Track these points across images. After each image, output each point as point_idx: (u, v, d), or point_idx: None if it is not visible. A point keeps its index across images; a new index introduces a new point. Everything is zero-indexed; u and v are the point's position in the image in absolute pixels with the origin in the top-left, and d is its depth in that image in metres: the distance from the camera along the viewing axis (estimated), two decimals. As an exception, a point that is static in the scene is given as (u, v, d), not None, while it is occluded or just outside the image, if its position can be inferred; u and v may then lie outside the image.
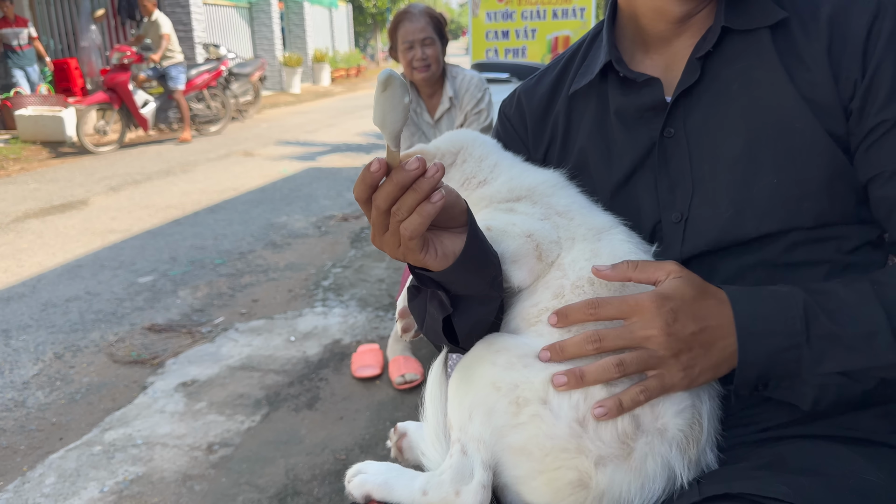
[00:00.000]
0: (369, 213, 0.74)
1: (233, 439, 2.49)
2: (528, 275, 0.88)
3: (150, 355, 3.19)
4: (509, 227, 0.88)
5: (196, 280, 4.17)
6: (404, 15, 2.86)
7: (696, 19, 0.93)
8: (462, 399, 0.84)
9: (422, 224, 0.72)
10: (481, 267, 0.82)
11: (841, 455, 0.81)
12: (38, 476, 2.31)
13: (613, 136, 0.97)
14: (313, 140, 9.66)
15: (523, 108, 1.09)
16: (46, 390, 2.89)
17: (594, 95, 1.00)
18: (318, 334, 3.38)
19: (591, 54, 1.04)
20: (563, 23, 5.66)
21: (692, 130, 0.91)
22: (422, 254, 0.76)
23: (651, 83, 0.94)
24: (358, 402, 2.71)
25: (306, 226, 5.33)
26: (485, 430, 0.81)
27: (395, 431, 1.08)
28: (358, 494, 0.90)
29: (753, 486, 0.74)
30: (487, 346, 0.86)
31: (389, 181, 0.71)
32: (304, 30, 18.48)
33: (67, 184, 6.90)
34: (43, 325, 3.55)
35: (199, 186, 6.75)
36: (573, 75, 1.05)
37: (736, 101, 0.88)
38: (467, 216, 0.79)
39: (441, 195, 0.71)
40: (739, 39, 0.90)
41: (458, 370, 0.87)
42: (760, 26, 0.88)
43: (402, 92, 0.67)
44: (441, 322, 0.86)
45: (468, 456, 0.82)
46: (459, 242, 0.78)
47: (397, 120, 0.68)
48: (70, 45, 12.81)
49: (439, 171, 0.71)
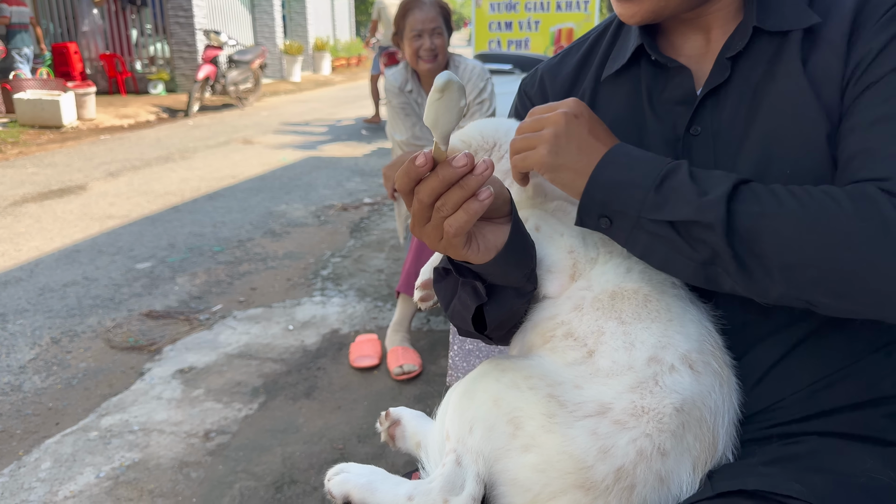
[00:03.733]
0: (410, 203, 0.72)
1: (230, 427, 2.48)
2: (559, 289, 0.87)
3: (147, 342, 3.17)
4: (557, 236, 0.88)
5: (194, 267, 4.16)
6: (414, 3, 2.82)
7: (719, 14, 0.91)
8: (464, 412, 0.83)
9: (468, 222, 0.70)
10: (521, 260, 0.81)
11: (853, 453, 0.80)
12: (34, 461, 2.30)
13: (646, 124, 0.95)
14: (313, 129, 9.62)
15: (546, 87, 1.07)
16: (43, 375, 2.88)
17: (626, 81, 0.98)
18: (316, 323, 3.37)
19: (622, 38, 1.01)
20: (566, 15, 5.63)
21: (719, 131, 0.89)
22: (465, 249, 0.75)
23: (682, 72, 0.92)
24: (356, 392, 2.71)
25: (305, 215, 5.32)
26: (485, 446, 0.80)
27: (388, 417, 1.05)
28: (337, 493, 0.89)
29: (767, 483, 0.73)
30: (495, 364, 0.85)
31: (434, 176, 0.69)
32: (305, 18, 18.39)
33: (66, 168, 6.86)
34: (40, 310, 3.53)
35: (198, 173, 6.73)
36: (601, 57, 1.03)
37: (761, 104, 0.86)
38: (510, 206, 0.78)
39: (489, 192, 0.70)
40: (770, 41, 0.87)
41: (462, 383, 0.86)
42: (794, 28, 0.86)
43: (459, 96, 0.65)
44: (472, 310, 0.85)
45: (462, 467, 0.81)
46: (502, 235, 0.77)
47: (451, 121, 0.66)
48: (70, 29, 12.75)
49: (488, 169, 0.69)
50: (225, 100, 11.98)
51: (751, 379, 0.86)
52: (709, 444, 0.79)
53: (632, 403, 0.78)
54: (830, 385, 0.84)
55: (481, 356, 1.40)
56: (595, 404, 0.78)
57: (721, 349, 0.84)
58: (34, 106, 8.84)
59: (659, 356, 0.80)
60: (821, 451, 0.80)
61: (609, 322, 0.83)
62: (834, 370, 0.84)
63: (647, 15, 0.88)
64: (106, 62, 12.09)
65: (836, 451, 0.80)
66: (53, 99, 8.86)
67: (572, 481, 0.76)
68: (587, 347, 0.83)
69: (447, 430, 0.84)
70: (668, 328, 0.82)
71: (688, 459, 0.78)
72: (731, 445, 0.82)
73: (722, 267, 0.76)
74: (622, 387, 0.79)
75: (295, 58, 16.28)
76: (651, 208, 0.77)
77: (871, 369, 0.85)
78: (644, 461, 0.76)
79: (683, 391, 0.78)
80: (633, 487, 0.76)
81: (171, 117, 10.55)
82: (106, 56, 12.10)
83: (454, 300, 0.89)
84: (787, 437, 0.84)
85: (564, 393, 0.80)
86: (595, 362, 0.82)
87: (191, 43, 12.56)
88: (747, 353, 0.86)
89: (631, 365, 0.80)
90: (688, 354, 0.80)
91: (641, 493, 0.76)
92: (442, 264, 0.87)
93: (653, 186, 0.78)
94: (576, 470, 0.76)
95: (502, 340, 0.96)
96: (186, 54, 12.65)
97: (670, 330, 0.82)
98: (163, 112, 10.76)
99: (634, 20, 0.89)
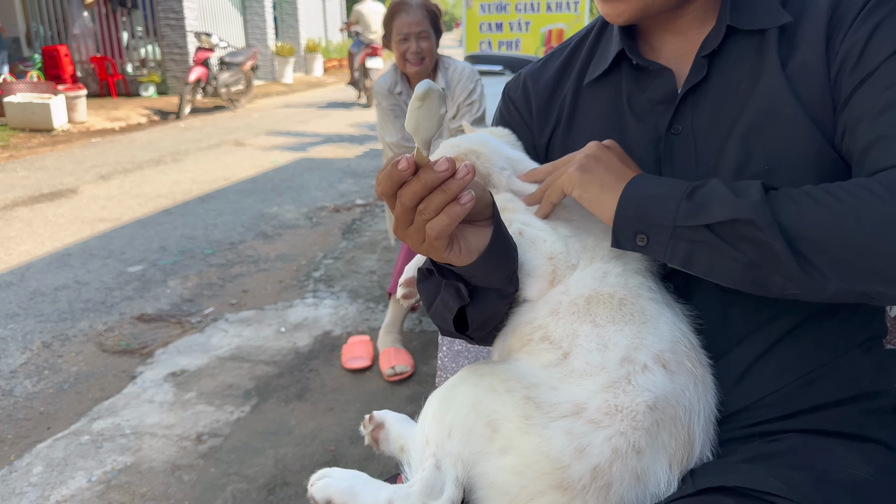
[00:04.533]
0: (393, 206, 0.73)
1: (222, 429, 2.48)
2: (538, 293, 0.89)
3: (139, 345, 3.17)
4: (539, 241, 0.89)
5: (186, 270, 4.15)
6: (401, 6, 2.83)
7: (696, 15, 0.93)
8: (443, 417, 0.84)
9: (449, 225, 0.71)
10: (504, 263, 0.82)
11: (831, 450, 0.81)
12: (25, 465, 2.30)
13: (627, 126, 0.96)
14: (305, 131, 9.61)
15: (529, 91, 1.08)
16: (34, 379, 2.87)
17: (608, 85, 1.00)
18: (308, 325, 3.37)
19: (602, 43, 1.03)
20: (556, 16, 5.64)
21: (699, 129, 0.90)
22: (447, 251, 0.75)
23: (663, 73, 0.93)
24: (348, 394, 2.71)
25: (297, 217, 5.32)
26: (464, 450, 0.81)
27: (371, 420, 1.05)
28: (319, 498, 0.89)
29: (747, 479, 0.74)
30: (473, 370, 0.87)
31: (417, 180, 0.69)
32: (296, 19, 18.35)
33: (57, 172, 6.84)
34: (31, 314, 3.52)
35: (190, 176, 6.71)
36: (581, 62, 1.04)
37: (743, 100, 0.88)
38: (493, 210, 0.79)
39: (470, 196, 0.70)
40: (746, 39, 0.89)
41: (442, 389, 0.87)
42: (767, 27, 0.88)
43: (440, 104, 0.66)
44: (455, 311, 0.86)
45: (441, 472, 0.82)
46: (483, 238, 0.78)
47: (431, 128, 0.67)
48: (60, 32, 12.70)
49: (469, 174, 0.69)
50: (216, 102, 11.96)
51: (731, 378, 0.87)
52: (684, 441, 0.80)
53: (606, 402, 0.78)
54: (810, 382, 0.86)
55: (470, 357, 1.41)
56: (570, 404, 0.79)
57: (696, 349, 0.85)
58: (24, 109, 8.79)
59: (632, 356, 0.81)
60: (801, 448, 0.81)
61: (584, 325, 0.84)
62: (814, 368, 0.86)
63: (635, 14, 0.89)
64: (97, 65, 12.03)
65: (816, 448, 0.81)
66: (44, 102, 8.82)
67: (549, 482, 0.77)
68: (562, 350, 0.84)
69: (427, 434, 0.85)
70: (642, 330, 0.83)
71: (664, 457, 0.79)
72: (709, 444, 0.83)
73: (771, 268, 0.75)
74: (596, 386, 0.80)
75: (287, 59, 16.25)
76: (686, 215, 0.78)
77: (850, 366, 0.87)
78: (619, 459, 0.76)
79: (656, 389, 0.79)
80: (609, 486, 0.76)
81: (162, 120, 10.52)
82: (97, 59, 12.04)
83: (437, 300, 0.90)
84: (768, 435, 0.85)
85: (541, 394, 0.81)
86: (570, 364, 0.83)
87: (182, 45, 12.52)
88: (727, 353, 0.87)
89: (604, 365, 0.81)
90: (661, 354, 0.81)
91: (618, 492, 0.77)
92: (425, 265, 0.88)
93: (684, 195, 0.79)
94: (553, 470, 0.77)
95: (484, 341, 0.97)
96: (177, 56, 12.61)
97: (644, 332, 0.83)
98: (154, 114, 10.73)
99: (621, 19, 0.90)
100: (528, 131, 1.07)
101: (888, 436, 0.87)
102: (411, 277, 1.00)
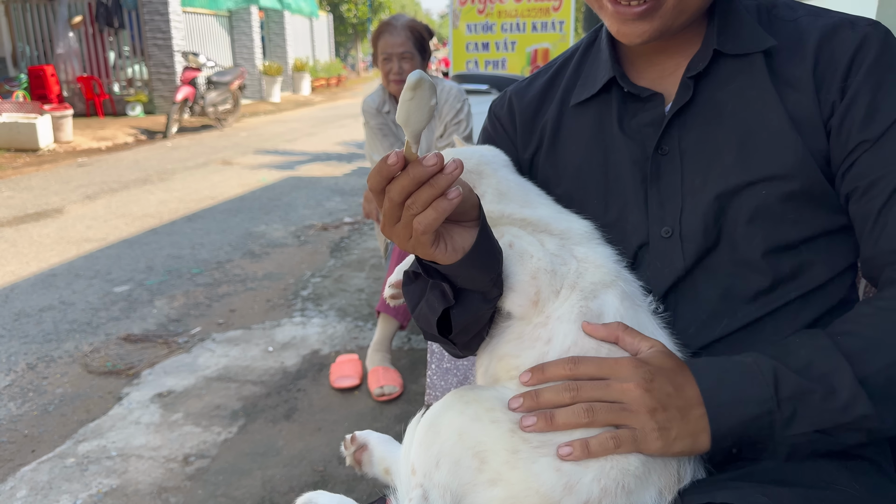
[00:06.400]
0: (382, 203, 0.74)
1: (209, 451, 2.46)
2: (520, 310, 0.88)
3: (125, 366, 3.14)
4: (526, 257, 0.88)
5: (173, 290, 4.13)
6: (386, 27, 2.88)
7: (684, 39, 0.95)
8: (429, 446, 0.83)
9: (436, 220, 0.71)
10: (488, 264, 0.82)
11: (820, 467, 0.82)
12: (9, 489, 2.26)
13: (614, 148, 0.97)
14: (293, 149, 9.63)
15: (514, 108, 1.09)
16: (18, 401, 2.84)
17: (594, 106, 1.01)
18: (296, 344, 3.35)
19: (589, 64, 1.04)
20: (542, 35, 5.70)
21: (686, 150, 0.92)
22: (433, 248, 0.76)
23: (655, 98, 0.95)
24: (336, 413, 2.70)
25: (285, 235, 5.31)
26: (452, 481, 0.80)
27: (354, 441, 1.03)
28: None
29: (736, 496, 0.74)
30: (459, 396, 0.86)
31: (405, 175, 0.70)
32: (284, 39, 18.44)
33: (42, 192, 6.80)
34: (15, 335, 3.49)
35: (177, 195, 6.70)
36: (566, 84, 1.05)
37: (730, 120, 0.90)
38: (479, 212, 0.79)
39: (458, 192, 0.71)
40: (733, 63, 0.91)
41: (427, 417, 0.86)
42: (752, 51, 0.90)
43: (430, 94, 0.68)
44: (439, 312, 0.86)
45: (429, 503, 0.81)
46: (469, 237, 0.78)
47: (422, 120, 0.68)
48: (46, 52, 12.69)
49: (458, 168, 0.70)
50: (204, 121, 11.97)
51: None
52: (674, 480, 0.80)
53: None
54: None
55: (459, 375, 1.41)
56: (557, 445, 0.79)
57: None
58: (10, 129, 8.76)
59: None
60: (789, 465, 0.82)
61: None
62: None
63: (654, 35, 0.89)
64: (83, 84, 12.03)
65: (804, 465, 0.82)
66: (30, 122, 8.79)
67: None
68: None
69: (413, 464, 0.84)
70: None
71: (654, 490, 0.79)
72: (701, 467, 0.83)
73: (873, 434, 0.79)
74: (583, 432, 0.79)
75: (274, 78, 16.31)
76: (784, 426, 0.78)
77: None
78: (608, 497, 0.77)
79: None
80: None
81: (149, 139, 10.50)
82: (83, 78, 12.04)
83: (421, 302, 0.90)
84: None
85: None
86: None
87: (169, 65, 12.54)
88: None
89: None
90: None
91: None
92: (412, 268, 0.88)
93: (774, 406, 0.78)
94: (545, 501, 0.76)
95: (466, 347, 0.96)
96: (165, 76, 12.63)
97: None
98: (141, 134, 10.71)
99: (640, 40, 0.89)
100: (512, 146, 1.09)
101: (875, 453, 0.87)
102: (398, 280, 1.01)
